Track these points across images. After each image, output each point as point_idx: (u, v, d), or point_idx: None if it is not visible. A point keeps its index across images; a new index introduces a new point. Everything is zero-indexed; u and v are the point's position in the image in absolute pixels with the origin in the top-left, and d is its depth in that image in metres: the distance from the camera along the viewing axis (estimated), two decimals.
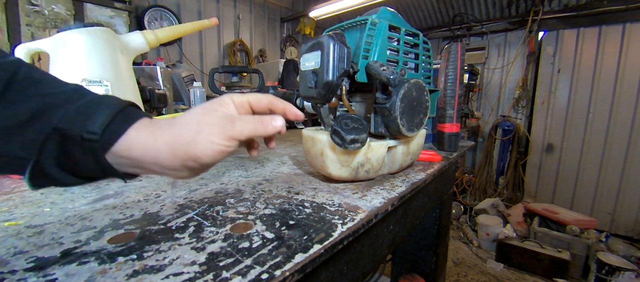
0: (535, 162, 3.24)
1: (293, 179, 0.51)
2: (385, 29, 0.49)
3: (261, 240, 0.29)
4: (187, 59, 3.33)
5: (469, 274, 2.22)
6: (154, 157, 0.27)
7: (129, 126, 0.27)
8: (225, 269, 0.24)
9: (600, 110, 2.85)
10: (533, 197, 3.23)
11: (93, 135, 0.25)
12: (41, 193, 0.43)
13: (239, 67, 1.67)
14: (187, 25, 0.90)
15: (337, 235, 0.31)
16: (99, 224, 0.33)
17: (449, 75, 0.76)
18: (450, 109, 0.77)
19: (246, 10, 3.94)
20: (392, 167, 0.53)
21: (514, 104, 3.31)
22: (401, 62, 0.52)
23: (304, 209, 0.37)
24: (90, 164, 0.26)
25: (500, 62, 3.42)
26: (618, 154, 2.76)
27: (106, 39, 0.68)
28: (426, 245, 0.97)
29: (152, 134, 0.27)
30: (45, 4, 2.11)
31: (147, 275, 0.23)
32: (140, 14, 2.85)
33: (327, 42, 0.45)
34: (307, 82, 0.50)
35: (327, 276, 0.36)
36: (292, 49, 3.76)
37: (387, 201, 0.41)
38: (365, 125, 0.41)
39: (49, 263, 0.25)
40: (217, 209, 0.37)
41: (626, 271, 1.94)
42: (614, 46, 2.74)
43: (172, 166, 0.28)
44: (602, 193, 2.86)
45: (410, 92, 0.44)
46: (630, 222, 2.73)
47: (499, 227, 2.55)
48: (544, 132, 3.18)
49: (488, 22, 3.36)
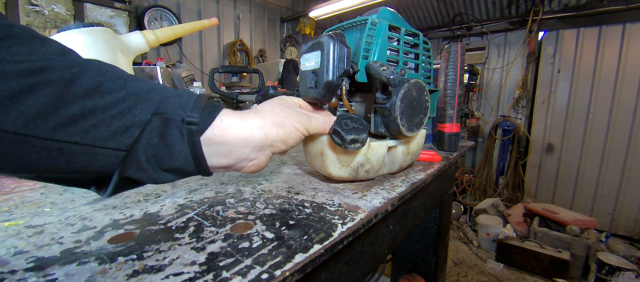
0: (535, 162, 3.24)
1: (293, 179, 0.51)
2: (385, 29, 0.49)
3: (261, 240, 0.29)
4: (187, 59, 3.33)
5: (469, 274, 2.21)
6: (247, 138, 0.30)
7: (218, 113, 0.29)
8: (225, 269, 0.24)
9: (600, 110, 2.84)
10: (533, 197, 3.23)
11: (194, 118, 0.27)
12: (41, 193, 0.43)
13: (239, 67, 1.67)
14: (187, 25, 0.90)
15: (337, 235, 0.31)
16: (99, 224, 0.33)
17: (449, 75, 0.76)
18: (450, 109, 0.77)
19: (246, 10, 3.94)
20: (392, 167, 0.53)
21: (514, 104, 3.31)
22: (401, 62, 0.52)
23: (304, 209, 0.37)
24: (184, 152, 0.27)
25: (500, 62, 3.42)
26: (618, 154, 2.76)
27: (106, 39, 0.68)
28: (426, 245, 0.97)
29: (243, 119, 0.30)
30: (45, 4, 2.11)
31: (147, 275, 0.23)
32: (140, 14, 2.85)
33: (327, 42, 0.44)
34: (307, 82, 0.50)
35: (327, 276, 0.36)
36: (292, 49, 3.77)
37: (387, 201, 0.41)
38: (365, 125, 0.41)
39: (49, 263, 0.25)
40: (217, 209, 0.37)
41: (626, 271, 1.94)
42: (614, 46, 2.74)
43: (263, 145, 0.31)
44: (602, 193, 2.86)
45: (410, 92, 0.44)
46: (630, 222, 2.73)
47: (499, 227, 2.55)
48: (544, 132, 3.18)
49: (488, 22, 3.36)
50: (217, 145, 0.28)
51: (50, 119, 0.21)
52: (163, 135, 0.26)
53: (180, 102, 0.27)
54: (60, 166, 0.23)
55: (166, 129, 0.26)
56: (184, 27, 0.89)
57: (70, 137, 0.22)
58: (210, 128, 0.28)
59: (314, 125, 0.37)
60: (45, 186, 0.46)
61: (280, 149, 0.34)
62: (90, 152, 0.23)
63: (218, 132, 0.28)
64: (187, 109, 0.27)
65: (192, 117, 0.26)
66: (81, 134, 0.22)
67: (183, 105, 0.26)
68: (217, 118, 0.28)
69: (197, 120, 0.27)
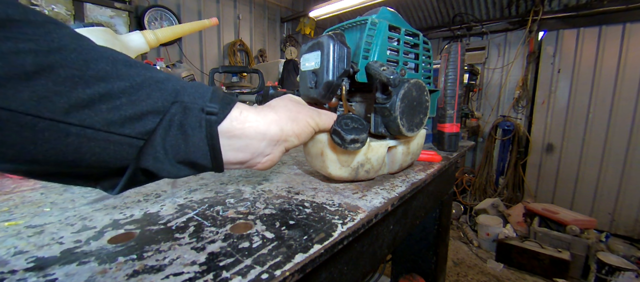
0: (535, 162, 3.24)
1: (293, 179, 0.51)
2: (385, 29, 0.49)
3: (261, 240, 0.29)
4: (187, 59, 3.33)
5: (469, 274, 2.22)
6: (264, 132, 0.30)
7: (234, 105, 0.29)
8: (225, 269, 0.24)
9: (600, 110, 2.84)
10: (533, 197, 3.23)
11: (213, 108, 0.26)
12: (41, 193, 0.43)
13: (239, 67, 1.67)
14: (187, 25, 0.90)
15: (337, 235, 0.31)
16: (99, 224, 0.33)
17: (449, 75, 0.76)
18: (450, 109, 0.77)
19: (246, 10, 3.94)
20: (392, 167, 0.53)
21: (514, 104, 3.31)
22: (401, 62, 0.52)
23: (304, 209, 0.37)
24: (202, 142, 0.26)
25: (500, 62, 3.42)
26: (618, 154, 2.76)
27: (106, 39, 0.68)
28: (426, 245, 0.97)
29: (260, 113, 0.31)
30: (45, 3, 2.11)
31: (147, 275, 0.23)
32: (140, 14, 2.85)
33: (327, 42, 0.45)
34: (307, 82, 0.50)
35: (327, 276, 0.36)
36: (292, 49, 3.77)
37: (387, 201, 0.41)
38: (365, 125, 0.41)
39: (49, 263, 0.25)
40: (217, 209, 0.37)
41: (626, 271, 1.94)
42: (614, 46, 2.74)
43: (278, 140, 0.32)
44: (602, 193, 2.86)
45: (410, 92, 0.44)
46: (630, 222, 2.73)
47: (499, 227, 2.55)
48: (544, 132, 3.18)
49: (488, 22, 3.36)
50: (235, 138, 0.28)
51: (64, 100, 0.20)
52: (182, 124, 0.25)
53: (199, 92, 0.26)
54: (70, 154, 0.22)
55: (185, 117, 0.25)
56: (184, 27, 0.89)
57: (84, 120, 0.21)
58: (229, 119, 0.28)
59: (324, 121, 0.38)
60: (46, 186, 0.46)
61: (293, 144, 0.34)
62: (105, 138, 0.22)
63: (237, 124, 0.28)
64: (206, 98, 0.26)
65: (211, 107, 0.26)
66: (96, 118, 0.22)
67: (202, 95, 0.26)
68: (234, 109, 0.28)
69: (216, 110, 0.26)
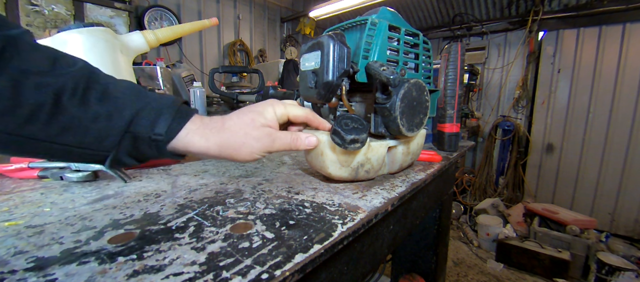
0: (535, 162, 3.24)
1: (293, 179, 0.51)
2: (385, 29, 0.49)
3: (261, 240, 0.29)
4: (187, 59, 3.33)
5: (469, 274, 2.22)
6: (205, 153, 0.35)
7: (184, 124, 0.34)
8: (225, 269, 0.24)
9: (600, 110, 2.84)
10: (533, 197, 3.23)
11: (159, 136, 0.32)
12: (41, 193, 0.43)
13: (239, 67, 1.67)
14: (187, 25, 0.90)
15: (337, 235, 0.31)
16: (99, 224, 0.33)
17: (449, 75, 0.76)
18: (450, 109, 0.77)
19: (246, 10, 3.94)
20: (392, 167, 0.53)
21: (514, 104, 3.31)
22: (401, 62, 0.52)
23: (304, 209, 0.37)
24: (154, 154, 0.34)
25: (500, 62, 3.42)
26: (618, 154, 2.76)
27: (106, 39, 0.68)
28: (426, 245, 0.97)
29: (205, 136, 0.35)
30: (45, 4, 2.11)
31: (147, 275, 0.23)
32: (140, 14, 2.84)
33: (327, 42, 0.45)
34: (307, 82, 0.50)
35: (327, 276, 0.36)
36: (292, 49, 3.76)
37: (387, 201, 0.41)
38: (365, 125, 0.41)
39: (49, 263, 0.25)
40: (217, 209, 0.37)
41: (626, 271, 1.94)
42: (614, 46, 2.74)
43: (218, 158, 0.38)
44: (602, 193, 2.86)
45: (410, 92, 0.44)
46: (630, 222, 2.73)
47: (499, 227, 2.55)
48: (544, 132, 3.18)
49: (488, 22, 3.36)
50: (181, 151, 0.35)
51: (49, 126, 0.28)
52: (135, 145, 0.32)
53: (150, 121, 0.32)
54: (61, 156, 0.31)
55: (137, 142, 0.32)
56: (184, 27, 0.89)
57: (64, 140, 0.29)
58: (175, 140, 0.34)
59: (277, 147, 0.38)
60: (45, 186, 0.46)
61: (234, 159, 0.38)
62: (80, 152, 0.31)
63: (180, 145, 0.34)
64: (154, 128, 0.32)
65: (158, 135, 0.32)
66: (71, 138, 0.29)
67: (151, 125, 0.32)
68: (183, 130, 0.34)
69: (162, 137, 0.32)
